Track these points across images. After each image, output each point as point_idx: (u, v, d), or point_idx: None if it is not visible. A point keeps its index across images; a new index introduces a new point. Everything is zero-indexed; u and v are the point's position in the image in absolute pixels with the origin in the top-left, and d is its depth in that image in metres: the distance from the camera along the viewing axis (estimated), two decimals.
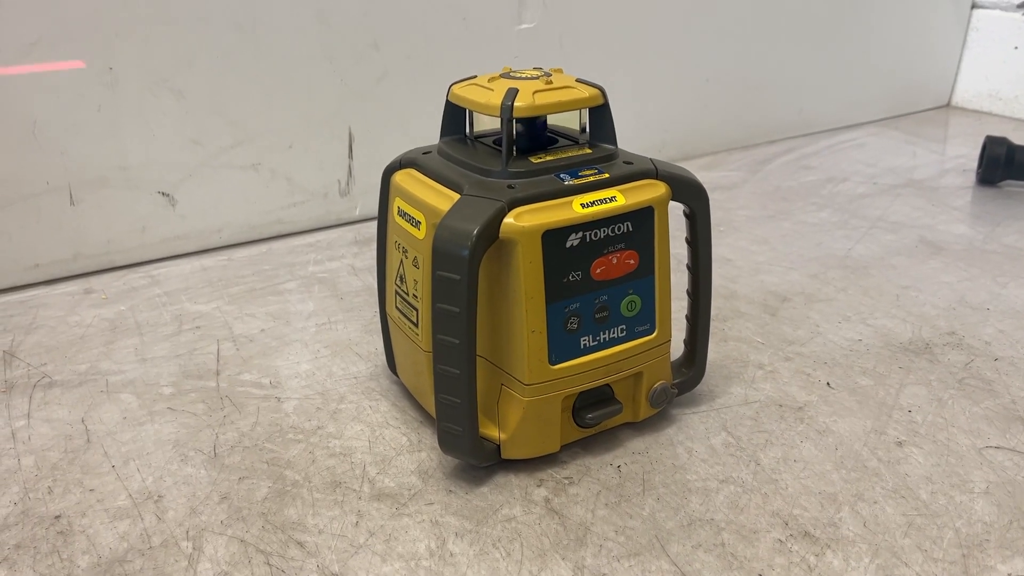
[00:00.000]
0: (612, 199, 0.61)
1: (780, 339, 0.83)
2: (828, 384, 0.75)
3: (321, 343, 0.83)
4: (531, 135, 0.65)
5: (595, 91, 0.63)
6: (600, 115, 0.65)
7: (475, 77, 0.66)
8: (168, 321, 0.88)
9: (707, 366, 0.75)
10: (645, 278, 0.64)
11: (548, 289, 0.60)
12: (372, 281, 0.96)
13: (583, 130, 0.67)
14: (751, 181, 1.28)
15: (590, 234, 0.60)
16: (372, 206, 1.13)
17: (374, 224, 1.12)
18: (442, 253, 0.57)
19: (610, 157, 0.64)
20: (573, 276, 0.61)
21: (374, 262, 1.00)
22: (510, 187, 0.60)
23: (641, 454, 0.66)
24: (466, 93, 0.64)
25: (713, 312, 0.86)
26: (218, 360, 0.80)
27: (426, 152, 0.68)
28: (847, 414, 0.71)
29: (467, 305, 0.57)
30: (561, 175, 0.61)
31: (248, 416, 0.72)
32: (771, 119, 1.45)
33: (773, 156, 1.39)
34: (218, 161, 1.02)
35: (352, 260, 1.01)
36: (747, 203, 1.19)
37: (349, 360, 0.80)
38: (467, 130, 0.68)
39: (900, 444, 0.67)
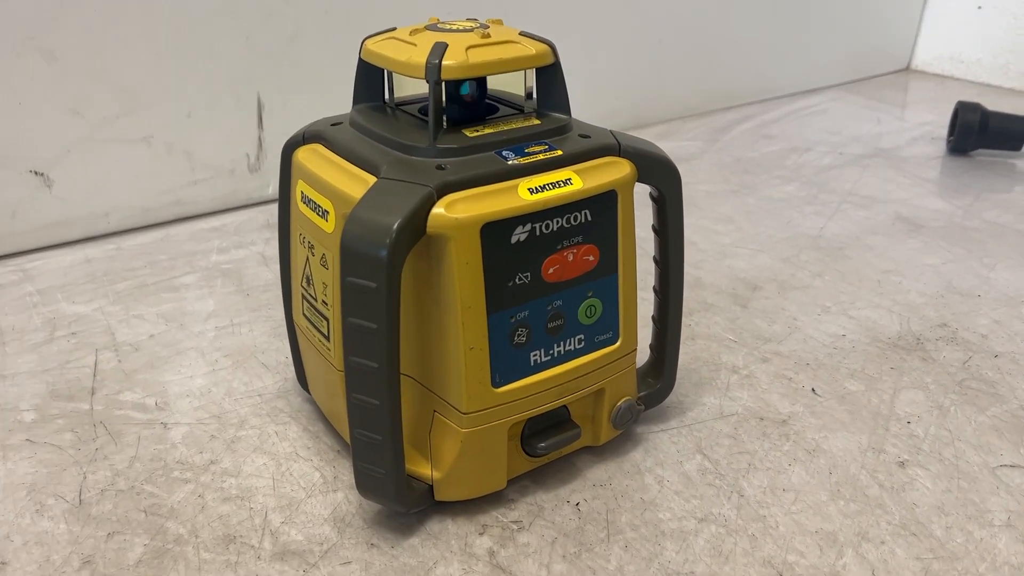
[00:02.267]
0: (567, 182, 0.49)
1: (754, 336, 0.72)
2: (813, 391, 0.65)
3: (220, 351, 0.70)
4: (465, 102, 0.53)
5: (543, 47, 0.51)
6: (549, 77, 0.53)
7: (394, 30, 0.53)
8: (38, 326, 0.74)
9: (678, 369, 0.64)
10: (607, 277, 0.53)
11: (489, 296, 0.48)
12: None
13: (528, 96, 0.55)
14: (710, 152, 1.17)
15: (540, 226, 0.49)
16: None
17: None
18: (353, 254, 0.45)
19: (562, 129, 0.52)
20: (520, 278, 0.49)
21: None
22: (440, 168, 0.48)
23: (603, 486, 0.55)
24: (382, 49, 0.51)
25: None
26: (95, 375, 0.67)
27: (335, 123, 0.55)
28: (838, 428, 0.61)
29: (387, 320, 0.45)
30: (503, 152, 0.49)
31: (126, 448, 0.59)
32: (728, 83, 1.35)
33: (732, 124, 1.29)
34: (102, 134, 0.87)
35: (263, 247, 0.88)
36: (708, 177, 1.08)
37: (253, 372, 0.67)
38: (386, 96, 0.56)
39: (903, 465, 0.57)
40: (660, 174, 0.54)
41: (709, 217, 0.96)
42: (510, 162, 0.48)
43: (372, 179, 0.48)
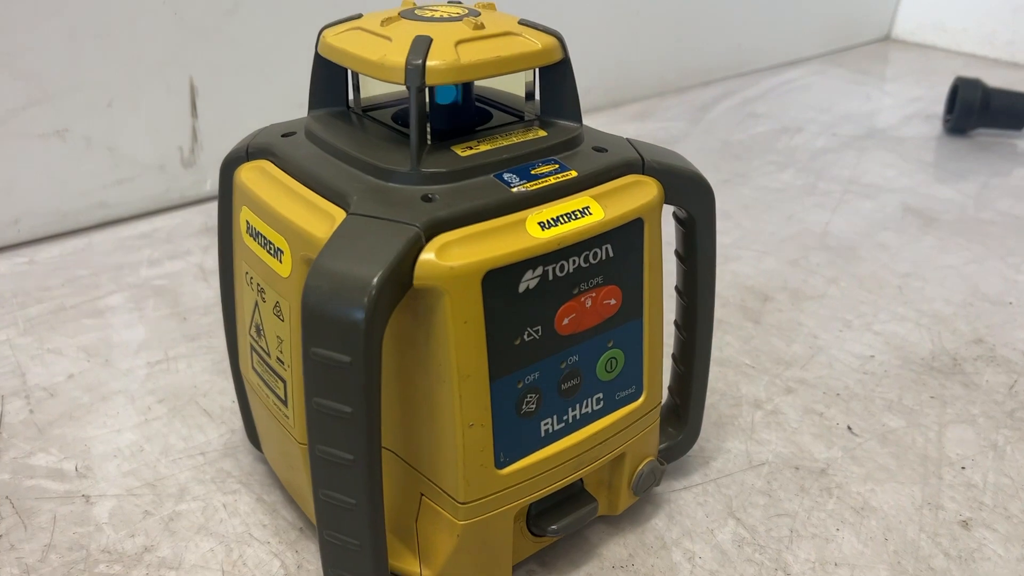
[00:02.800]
0: (584, 212, 0.39)
1: (774, 359, 0.64)
2: (849, 429, 0.57)
3: (154, 394, 0.59)
4: (453, 109, 0.43)
5: (550, 40, 0.41)
6: (557, 77, 0.42)
7: (359, 17, 0.42)
8: None
9: None
10: (630, 323, 0.43)
11: (493, 359, 0.38)
12: None
13: (529, 97, 0.44)
14: (693, 134, 1.08)
15: (554, 269, 0.39)
16: None
17: None
18: (320, 318, 0.34)
19: (574, 142, 0.42)
20: (529, 334, 0.39)
21: None
22: (426, 199, 0.37)
23: (624, 567, 0.46)
24: (347, 45, 0.40)
25: None
26: (0, 431, 0.55)
27: (287, 134, 0.44)
28: (885, 477, 0.53)
29: (365, 402, 0.35)
30: (505, 176, 0.39)
31: (38, 533, 0.48)
32: (707, 57, 1.25)
33: (713, 101, 1.19)
34: (7, 128, 0.74)
35: (201, 257, 0.76)
36: (696, 163, 0.99)
37: (193, 422, 0.56)
38: (350, 99, 0.45)
39: (966, 525, 0.49)
40: (691, 194, 0.45)
41: None
42: (514, 188, 0.38)
43: (340, 213, 0.37)
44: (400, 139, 0.41)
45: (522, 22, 0.41)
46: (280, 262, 0.40)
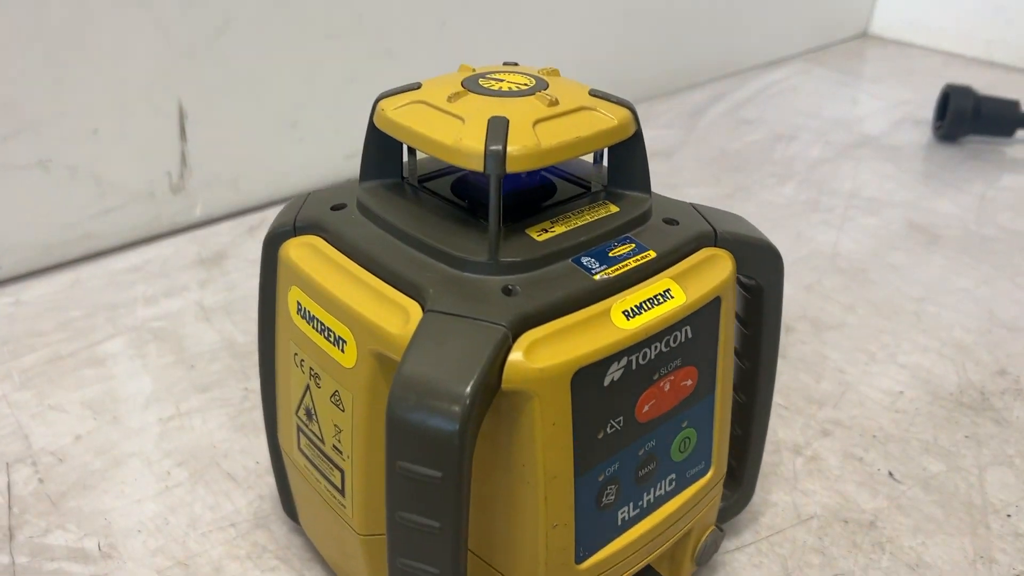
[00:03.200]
0: (666, 296, 0.37)
1: (805, 398, 0.63)
2: (891, 475, 0.56)
3: (171, 457, 0.56)
4: (519, 182, 0.40)
5: (625, 114, 0.39)
6: (629, 148, 0.40)
7: (417, 87, 0.40)
8: None
9: None
10: (704, 400, 0.41)
11: (578, 457, 0.36)
12: (232, 328, 0.68)
13: (596, 160, 0.42)
14: (690, 143, 1.06)
15: (637, 358, 0.37)
16: (219, 203, 0.84)
17: (224, 229, 0.83)
18: (409, 432, 0.32)
19: (645, 216, 0.40)
20: (612, 426, 0.37)
21: (230, 294, 0.72)
22: (507, 291, 0.35)
23: None
24: (414, 123, 0.37)
25: None
26: (9, 506, 0.52)
27: (338, 207, 0.41)
28: (934, 529, 0.52)
29: (454, 517, 0.33)
30: (583, 260, 0.37)
31: None
32: (693, 59, 1.24)
33: (704, 106, 1.18)
34: None
35: (199, 293, 0.73)
36: (695, 177, 0.98)
37: (218, 488, 0.54)
38: (405, 170, 0.42)
39: None
40: (761, 263, 0.43)
41: None
42: (596, 275, 0.36)
43: (415, 308, 0.35)
44: (465, 217, 0.38)
45: (593, 93, 0.39)
46: (343, 352, 0.38)
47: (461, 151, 0.35)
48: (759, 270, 0.43)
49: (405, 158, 0.42)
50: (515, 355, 0.33)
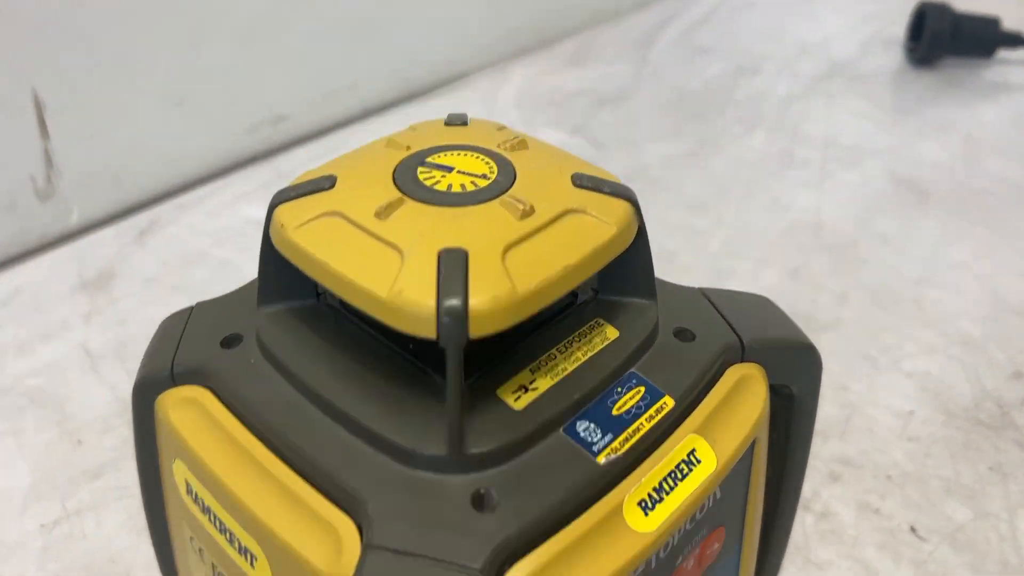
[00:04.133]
0: (692, 462, 0.27)
1: None
2: (914, 531, 0.49)
3: None
4: None
5: (623, 213, 0.28)
6: (629, 250, 0.29)
7: (331, 186, 0.28)
8: None
9: None
10: (727, 558, 0.32)
11: None
12: (125, 380, 0.57)
13: None
14: (642, 82, 0.94)
15: (657, 554, 0.27)
16: (99, 204, 0.70)
17: (108, 237, 0.70)
18: None
19: (651, 337, 0.30)
20: None
21: (121, 330, 0.61)
22: (478, 500, 0.25)
23: None
24: (327, 254, 0.26)
25: None
26: None
27: (230, 341, 0.30)
28: None
29: None
30: (580, 430, 0.27)
31: None
32: None
33: (653, 31, 1.05)
34: None
35: (83, 331, 0.60)
36: (652, 128, 0.86)
37: None
38: (320, 288, 0.31)
39: None
40: (797, 368, 0.33)
41: (679, 201, 0.75)
42: (600, 456, 0.26)
43: (348, 531, 0.25)
44: (412, 372, 0.28)
45: (579, 183, 0.28)
46: (252, 567, 0.27)
47: (402, 309, 0.24)
48: (793, 376, 0.33)
49: None
50: None
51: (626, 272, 0.30)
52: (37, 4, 0.60)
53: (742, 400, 0.30)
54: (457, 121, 0.31)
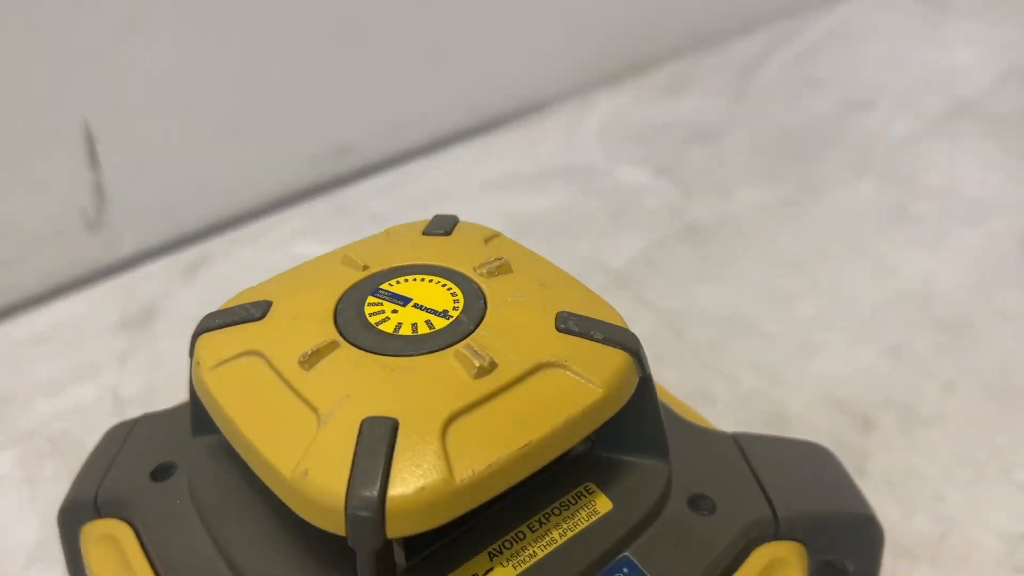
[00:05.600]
0: None
1: (893, 545, 0.46)
2: None
3: None
4: None
5: (618, 368, 0.22)
6: (633, 398, 0.23)
7: (263, 314, 0.23)
8: None
9: None
10: None
11: None
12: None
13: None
14: (741, 117, 0.87)
15: None
16: (152, 235, 0.68)
17: (156, 270, 0.67)
18: None
19: (656, 509, 0.24)
20: None
21: (153, 374, 0.58)
22: None
23: None
24: (235, 408, 0.21)
25: None
26: None
27: (162, 472, 0.26)
28: None
29: None
30: None
31: None
32: None
33: (758, 58, 0.97)
34: None
35: (116, 374, 0.58)
36: (748, 170, 0.79)
37: None
38: None
39: None
40: (851, 544, 0.27)
41: (769, 257, 0.68)
42: None
43: None
44: (335, 548, 0.22)
45: (563, 328, 0.22)
46: None
47: (305, 495, 0.19)
48: (846, 551, 0.27)
49: None
50: None
51: (628, 428, 0.24)
52: (89, 35, 0.58)
53: None
54: (439, 229, 0.25)
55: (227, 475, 0.24)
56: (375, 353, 0.21)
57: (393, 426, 0.19)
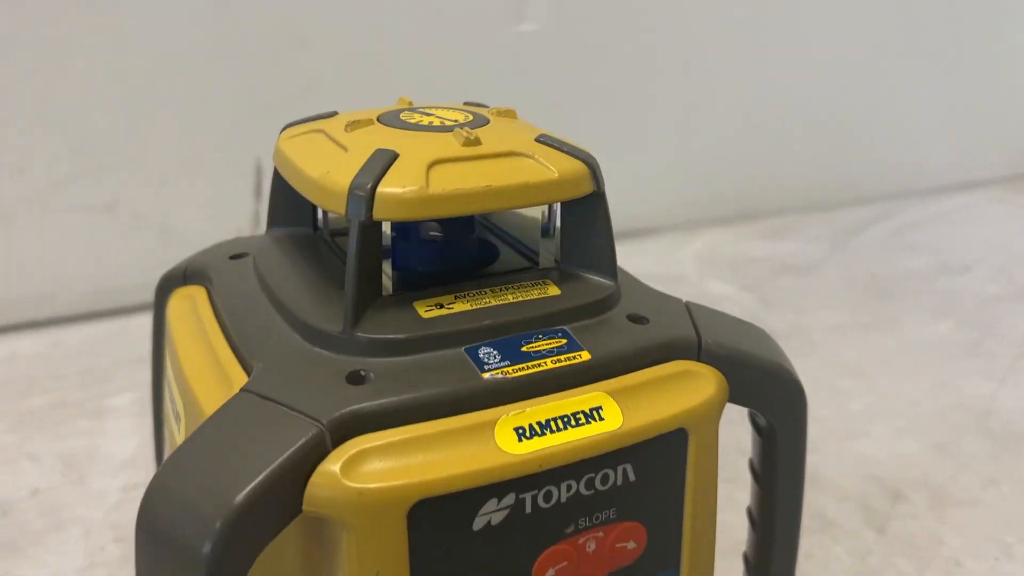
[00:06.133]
0: (593, 415, 0.26)
1: None
2: None
3: (115, 530, 0.50)
4: (440, 248, 0.31)
5: (574, 167, 0.29)
6: (585, 215, 0.30)
7: (334, 115, 0.32)
8: None
9: None
10: (659, 574, 0.29)
11: None
12: None
13: (545, 233, 0.32)
14: (834, 261, 0.92)
15: (534, 497, 0.26)
16: None
17: None
18: (155, 546, 0.23)
19: (599, 307, 0.30)
20: None
21: None
22: (356, 378, 0.26)
23: None
24: (295, 154, 0.30)
25: None
26: None
27: (237, 255, 0.34)
28: None
29: None
30: (480, 351, 0.27)
31: None
32: (861, 173, 1.09)
33: (863, 224, 1.03)
34: (52, 198, 0.69)
35: None
36: (831, 299, 0.83)
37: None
38: (317, 218, 0.35)
39: None
40: (771, 394, 0.31)
41: (832, 365, 0.71)
42: (487, 373, 0.26)
43: (241, 383, 0.26)
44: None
45: (542, 139, 0.30)
46: (178, 430, 0.30)
47: (325, 188, 0.27)
48: (770, 404, 0.31)
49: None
50: (328, 466, 0.24)
51: (583, 246, 0.30)
52: (277, 89, 0.73)
53: (676, 388, 0.28)
54: (474, 103, 0.34)
55: (283, 249, 0.32)
56: (399, 128, 0.29)
57: (394, 156, 0.27)
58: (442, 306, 0.28)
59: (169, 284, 0.35)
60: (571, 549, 0.27)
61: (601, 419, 0.26)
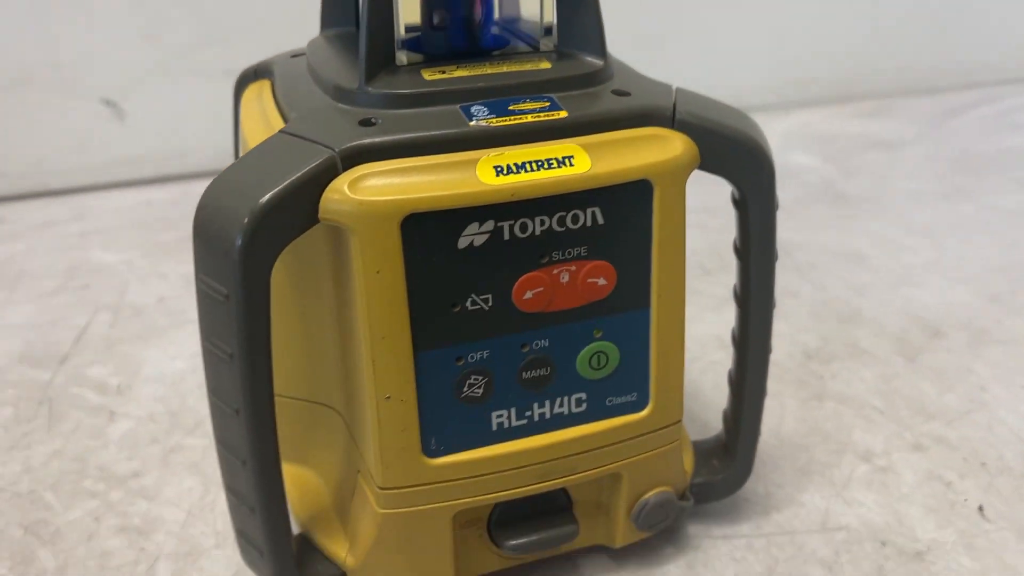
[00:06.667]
0: (564, 162, 0.31)
1: (914, 407, 0.50)
2: (981, 510, 0.43)
3: None
4: (455, 33, 0.36)
5: None
6: (580, 8, 0.35)
7: None
8: (58, 272, 0.66)
9: (778, 445, 0.45)
10: (630, 312, 0.34)
11: (419, 324, 0.32)
12: None
13: (548, 31, 0.37)
14: (926, 140, 0.91)
15: (511, 227, 0.31)
16: None
17: None
18: (203, 241, 0.30)
19: (588, 80, 0.34)
20: (475, 302, 0.32)
21: None
22: (366, 123, 0.32)
23: None
24: None
25: (817, 344, 0.56)
26: (78, 340, 0.57)
27: (297, 55, 0.40)
28: None
29: (244, 348, 0.30)
30: (472, 108, 0.32)
31: (56, 438, 0.48)
32: (968, 56, 1.06)
33: (966, 106, 1.01)
34: (180, 64, 0.78)
35: None
36: (914, 172, 0.83)
37: None
38: (359, 15, 0.40)
39: None
40: (737, 162, 0.35)
41: (899, 226, 0.72)
42: (475, 122, 0.31)
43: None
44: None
45: None
46: None
47: None
48: (737, 172, 0.35)
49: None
50: (338, 183, 0.30)
51: (574, 27, 0.35)
52: None
53: (644, 146, 0.32)
54: None
55: (332, 45, 0.38)
56: None
57: None
58: (444, 72, 0.34)
59: (244, 80, 0.41)
60: (546, 277, 0.32)
61: (571, 165, 0.31)
